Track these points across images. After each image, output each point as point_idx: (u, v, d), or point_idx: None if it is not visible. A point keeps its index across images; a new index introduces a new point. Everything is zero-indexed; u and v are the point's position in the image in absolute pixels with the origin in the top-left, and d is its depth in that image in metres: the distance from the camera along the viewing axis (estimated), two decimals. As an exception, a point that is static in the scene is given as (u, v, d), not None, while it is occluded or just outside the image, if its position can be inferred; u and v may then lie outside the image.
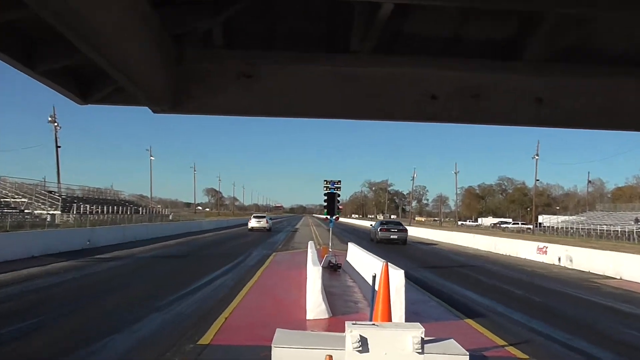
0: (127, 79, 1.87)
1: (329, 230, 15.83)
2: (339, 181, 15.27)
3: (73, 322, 6.41)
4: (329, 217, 14.69)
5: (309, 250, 11.17)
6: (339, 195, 14.98)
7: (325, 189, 15.24)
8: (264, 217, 37.43)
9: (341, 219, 63.23)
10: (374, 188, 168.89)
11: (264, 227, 35.28)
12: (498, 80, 2.17)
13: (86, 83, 2.32)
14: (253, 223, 35.24)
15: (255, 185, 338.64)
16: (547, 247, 18.85)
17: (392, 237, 27.70)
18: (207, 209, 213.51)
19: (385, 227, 29.41)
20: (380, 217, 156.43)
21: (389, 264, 6.32)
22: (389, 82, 2.16)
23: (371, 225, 36.66)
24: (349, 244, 14.50)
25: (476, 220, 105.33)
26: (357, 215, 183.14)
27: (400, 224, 30.72)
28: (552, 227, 54.56)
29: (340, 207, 14.93)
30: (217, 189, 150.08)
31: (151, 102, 2.16)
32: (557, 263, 17.47)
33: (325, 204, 14.83)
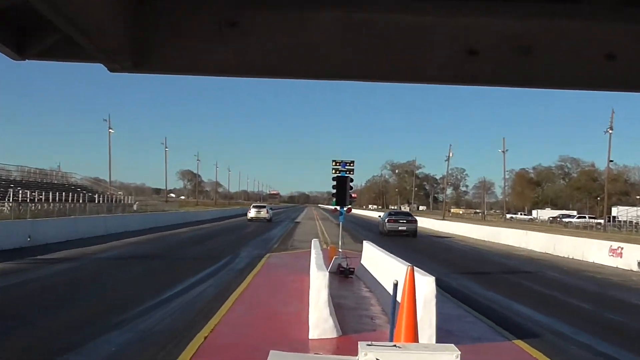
0: (73, 26, 1.78)
1: (338, 225, 16.02)
2: (352, 162, 15.32)
3: (4, 346, 6.14)
4: (338, 208, 14.70)
5: (313, 251, 11.20)
6: (351, 181, 14.99)
7: (334, 172, 15.12)
8: (264, 206, 46.43)
9: (354, 211, 63.29)
10: (397, 171, 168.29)
11: (265, 218, 42.83)
12: (556, 30, 2.08)
13: (23, 32, 2.14)
14: (252, 213, 43.56)
15: (244, 168, 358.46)
16: (622, 248, 18.56)
17: (400, 228, 31.73)
18: (182, 197, 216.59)
19: (394, 217, 33.46)
20: (406, 208, 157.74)
21: (415, 268, 6.33)
22: (416, 32, 2.09)
23: (379, 216, 42.69)
24: (365, 242, 14.57)
25: (529, 213, 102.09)
26: (375, 207, 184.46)
27: (410, 215, 35.45)
28: (630, 221, 53.18)
29: (353, 195, 15.03)
30: (195, 172, 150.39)
31: (106, 57, 2.05)
32: (636, 269, 17.26)
33: (334, 191, 14.72)
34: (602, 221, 56.32)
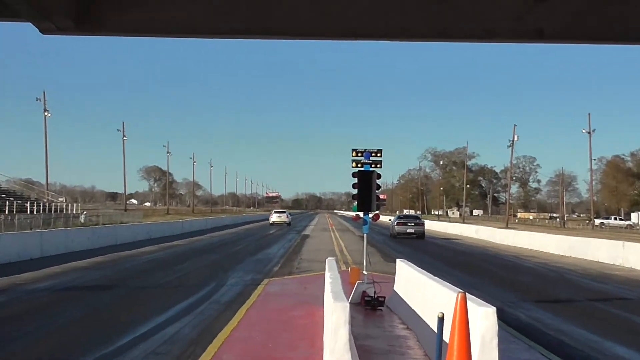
0: None
1: (362, 237, 16.38)
2: (379, 151, 15.59)
3: None
4: (360, 214, 15.05)
5: (328, 274, 11.29)
6: (379, 177, 15.23)
7: (354, 165, 15.43)
8: (284, 212, 74.64)
9: (383, 218, 64.40)
10: (442, 162, 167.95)
11: (285, 222, 69.13)
12: None
13: None
14: (274, 218, 70.45)
15: (234, 164, 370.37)
16: None
17: (408, 230, 46.26)
18: (148, 204, 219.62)
19: (402, 220, 48.08)
20: (454, 214, 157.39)
21: (469, 296, 6.40)
22: None
23: (390, 220, 54.36)
24: (399, 261, 14.53)
25: (627, 216, 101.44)
26: (412, 212, 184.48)
27: (418, 218, 51.16)
28: None
29: (381, 196, 15.06)
30: (165, 169, 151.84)
31: (38, 14, 1.98)
32: None
33: (355, 191, 15.07)
34: None
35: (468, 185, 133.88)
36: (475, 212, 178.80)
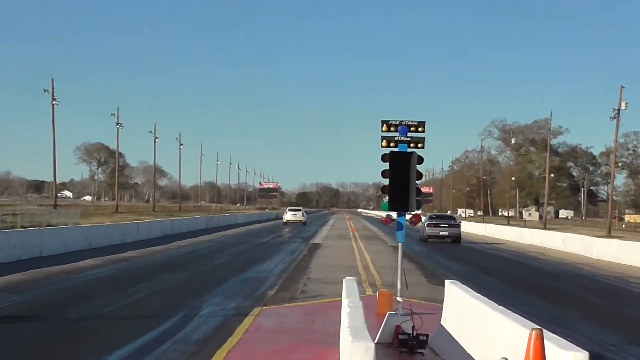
0: None
1: (396, 248, 16.65)
2: (420, 125, 16.01)
3: None
4: (393, 215, 15.50)
5: (346, 301, 11.49)
6: (420, 161, 15.59)
7: (384, 144, 15.90)
8: (299, 209, 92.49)
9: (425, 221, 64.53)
10: (514, 140, 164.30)
11: (300, 220, 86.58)
12: None
13: None
14: (288, 216, 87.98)
15: (214, 144, 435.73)
16: None
17: (441, 233, 53.67)
18: (88, 197, 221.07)
19: (434, 221, 55.00)
20: (531, 215, 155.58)
21: (548, 334, 6.52)
22: None
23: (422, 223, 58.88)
24: (449, 284, 14.53)
25: None
26: (470, 212, 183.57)
27: (453, 218, 60.10)
28: None
29: (424, 189, 15.06)
30: (114, 149, 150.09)
31: None
32: None
33: (386, 181, 15.43)
34: None
35: (552, 175, 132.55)
36: (563, 212, 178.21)
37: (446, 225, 54.29)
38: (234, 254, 39.00)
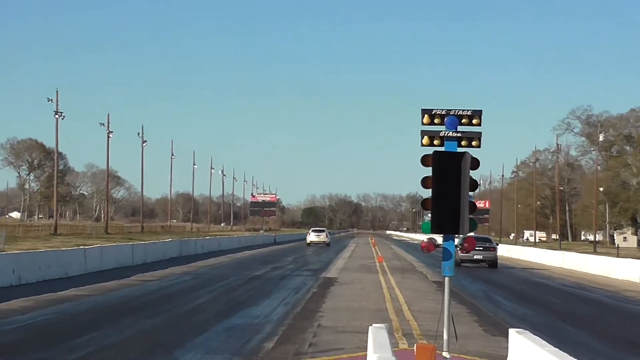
0: None
1: (440, 283, 16.89)
2: (475, 115, 16.33)
3: None
4: (438, 240, 15.93)
5: (374, 357, 11.66)
6: (475, 166, 15.93)
7: (424, 141, 16.25)
8: (323, 230, 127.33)
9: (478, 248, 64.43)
10: (601, 136, 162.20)
11: (324, 242, 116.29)
12: None
13: None
14: (312, 237, 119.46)
15: (197, 144, 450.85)
16: None
17: (475, 257, 60.80)
18: (16, 214, 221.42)
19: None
20: (626, 240, 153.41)
21: None
22: None
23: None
24: (515, 334, 14.58)
25: None
26: (540, 234, 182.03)
27: (489, 240, 66.27)
28: None
29: (479, 204, 14.90)
30: (53, 148, 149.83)
31: None
32: None
33: (428, 192, 15.64)
34: None
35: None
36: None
37: (481, 248, 61.79)
38: (217, 293, 39.13)
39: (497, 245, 68.67)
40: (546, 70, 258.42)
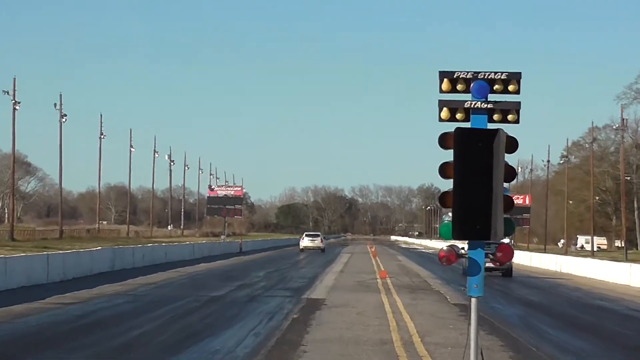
0: None
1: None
2: (512, 79, 16.43)
3: None
4: (460, 247, 16.34)
5: None
6: (513, 148, 16.10)
7: (443, 115, 16.46)
8: (318, 235, 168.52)
9: (521, 260, 64.14)
10: None
11: (319, 247, 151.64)
12: None
13: None
14: (306, 242, 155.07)
15: (138, 122, 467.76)
16: None
17: (487, 264, 59.52)
18: None
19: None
20: None
21: None
22: None
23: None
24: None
25: None
26: (599, 240, 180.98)
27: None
28: None
29: (517, 199, 14.80)
30: None
31: None
32: None
33: (449, 183, 15.84)
34: None
35: None
36: None
37: (493, 256, 59.97)
38: (162, 320, 39.05)
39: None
40: (607, 22, 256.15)
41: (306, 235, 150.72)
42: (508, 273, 72.89)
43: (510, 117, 15.40)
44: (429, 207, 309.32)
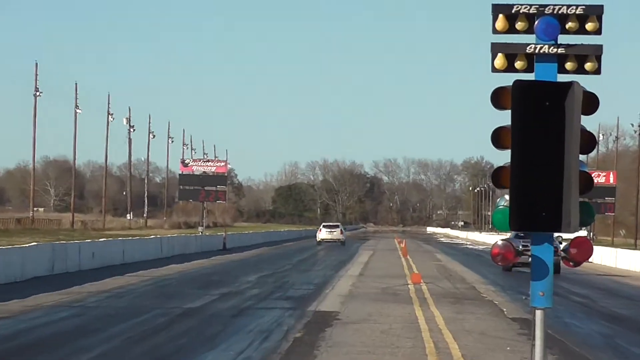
0: None
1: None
2: (591, 12, 16.28)
3: None
4: (519, 242, 15.16)
5: None
6: (591, 108, 16.00)
7: (497, 61, 16.69)
8: (337, 226, 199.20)
9: (603, 256, 64.41)
10: None
11: (338, 239, 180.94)
12: None
13: None
14: (323, 234, 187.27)
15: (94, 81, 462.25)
16: None
17: (521, 258, 61.57)
18: None
19: (522, 242, 65.45)
20: None
21: None
22: None
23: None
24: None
25: None
26: None
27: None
28: None
29: (597, 176, 14.66)
30: None
31: None
32: None
33: (507, 155, 15.88)
34: None
35: None
36: None
37: (565, 253, 60.34)
38: (120, 340, 38.91)
39: (561, 242, 69.49)
40: None
41: (324, 227, 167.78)
42: (556, 270, 68.66)
43: (588, 65, 15.40)
44: (478, 189, 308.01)
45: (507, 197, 15.40)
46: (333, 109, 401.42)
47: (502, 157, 15.01)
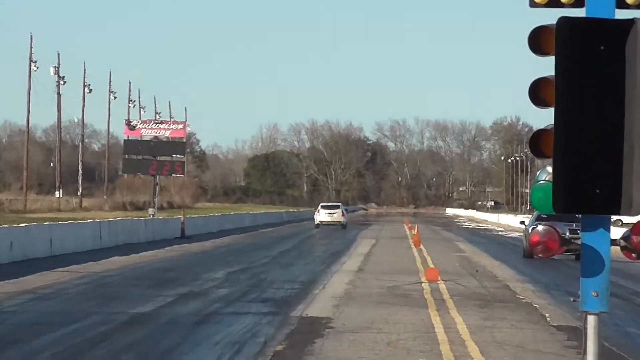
0: None
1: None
2: None
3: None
4: (566, 229, 15.24)
5: None
6: None
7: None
8: (337, 206, 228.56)
9: None
10: None
11: (338, 222, 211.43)
12: None
13: None
14: (322, 216, 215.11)
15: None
16: None
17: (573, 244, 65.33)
18: None
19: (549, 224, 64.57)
20: None
21: None
22: None
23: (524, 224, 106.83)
24: None
25: None
26: None
27: (578, 220, 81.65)
28: None
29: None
30: None
31: None
32: None
33: (549, 116, 15.93)
34: None
35: None
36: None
37: (625, 242, 61.16)
38: (46, 355, 38.94)
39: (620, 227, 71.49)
40: None
41: (322, 207, 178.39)
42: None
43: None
44: (511, 159, 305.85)
45: (549, 169, 15.33)
46: (323, 56, 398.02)
47: (544, 118, 15.05)
